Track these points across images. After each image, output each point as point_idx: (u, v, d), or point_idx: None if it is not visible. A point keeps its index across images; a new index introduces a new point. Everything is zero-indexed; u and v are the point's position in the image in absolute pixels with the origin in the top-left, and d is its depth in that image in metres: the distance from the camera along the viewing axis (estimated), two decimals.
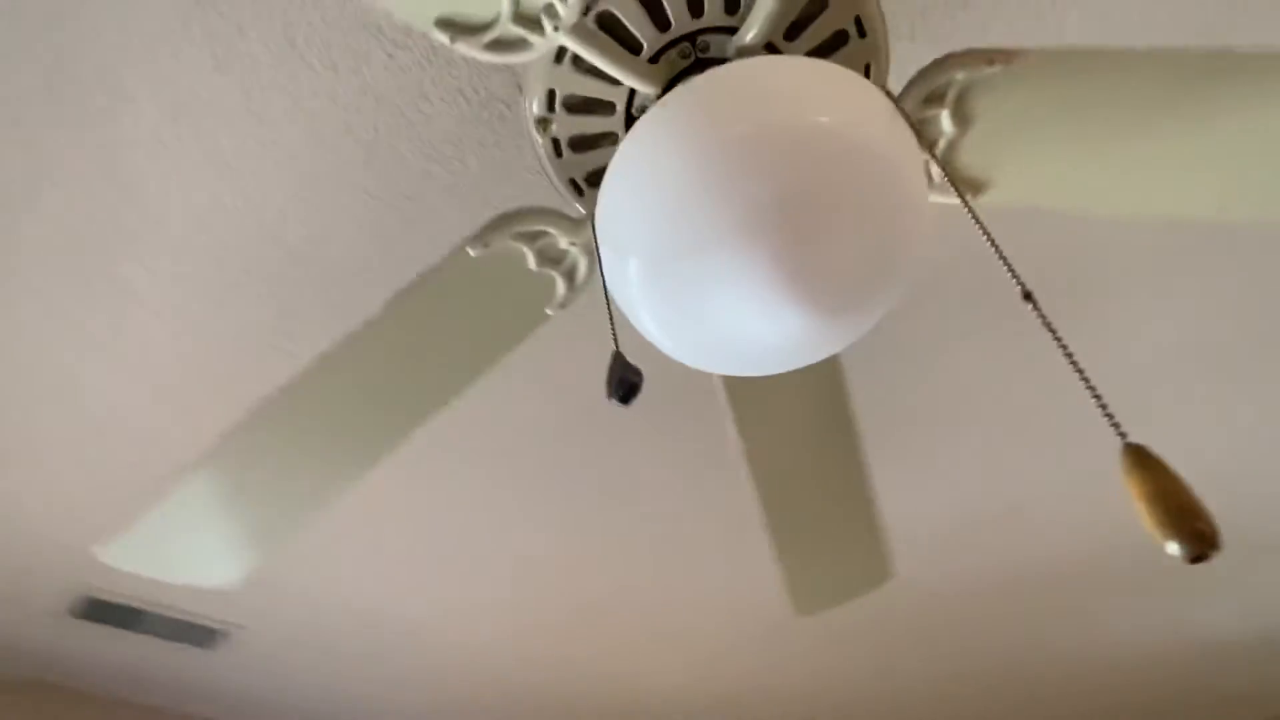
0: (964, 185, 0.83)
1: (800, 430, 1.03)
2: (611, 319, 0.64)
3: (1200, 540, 0.39)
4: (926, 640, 2.27)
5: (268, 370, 1.39)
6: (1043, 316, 0.50)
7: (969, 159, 0.82)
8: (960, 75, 0.77)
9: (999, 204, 0.85)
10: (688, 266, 0.61)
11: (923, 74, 0.78)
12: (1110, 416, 0.48)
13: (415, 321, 0.87)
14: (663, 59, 0.78)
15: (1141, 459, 0.43)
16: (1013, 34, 1.08)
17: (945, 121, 0.80)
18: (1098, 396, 0.50)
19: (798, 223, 0.58)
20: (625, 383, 0.57)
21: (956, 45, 1.14)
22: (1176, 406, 1.61)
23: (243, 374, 1.40)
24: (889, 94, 0.64)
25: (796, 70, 0.62)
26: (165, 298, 1.28)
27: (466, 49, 0.71)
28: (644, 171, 0.62)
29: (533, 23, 0.70)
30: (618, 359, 0.58)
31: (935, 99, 0.79)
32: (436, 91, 1.08)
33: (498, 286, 0.87)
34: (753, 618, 2.12)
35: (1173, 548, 0.40)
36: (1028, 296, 0.53)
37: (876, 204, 0.60)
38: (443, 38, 0.70)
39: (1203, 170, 0.81)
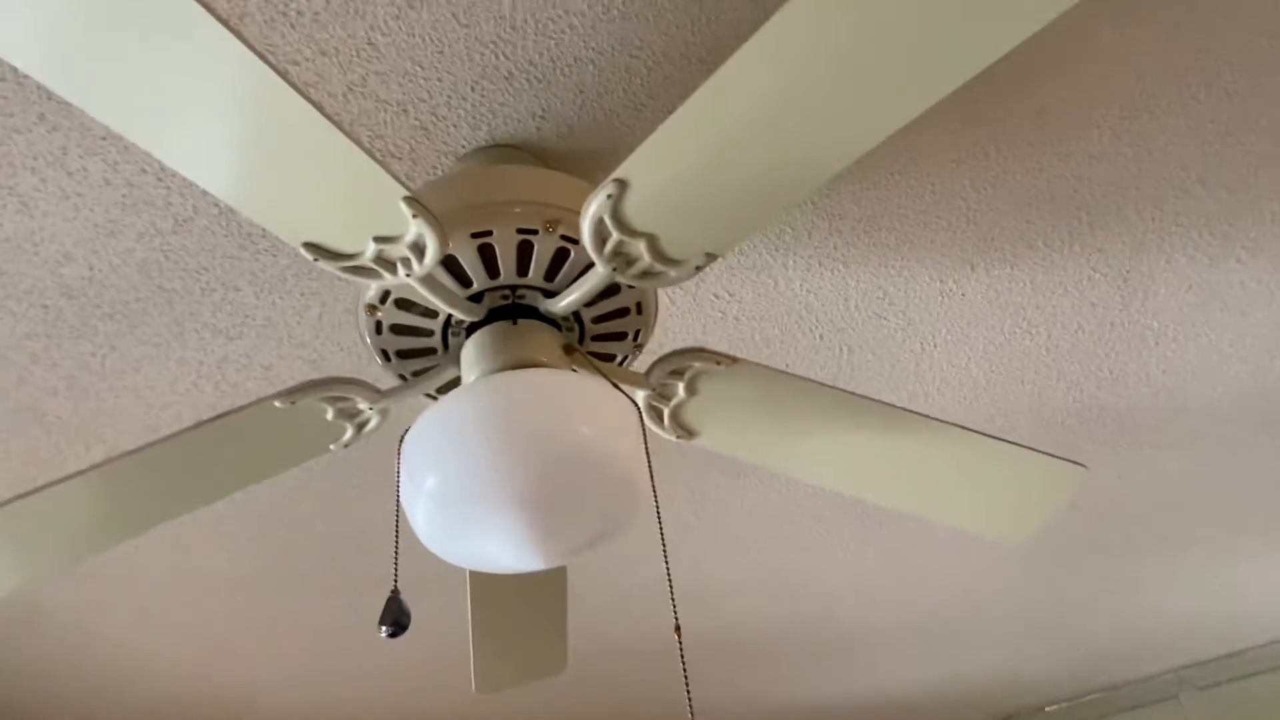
0: (682, 431, 1.12)
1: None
2: (396, 558, 0.82)
3: None
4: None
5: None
6: (680, 646, 0.77)
7: (690, 416, 1.11)
8: (697, 364, 1.05)
9: (708, 448, 1.15)
10: (465, 508, 0.80)
11: (673, 355, 1.06)
12: None
13: (209, 440, 0.96)
14: (486, 297, 0.97)
15: None
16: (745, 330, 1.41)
17: (680, 389, 1.08)
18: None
19: (552, 500, 0.81)
20: (396, 622, 0.75)
21: (707, 328, 1.46)
22: None
23: None
24: (634, 402, 0.89)
25: (574, 386, 0.84)
26: None
27: (326, 268, 0.84)
28: (451, 432, 0.80)
29: (389, 265, 0.85)
30: (395, 598, 0.76)
31: (677, 373, 1.07)
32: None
33: (291, 426, 0.99)
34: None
35: None
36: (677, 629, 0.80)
37: (610, 492, 0.84)
38: (307, 256, 0.83)
39: (835, 460, 1.17)
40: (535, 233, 0.92)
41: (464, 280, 0.95)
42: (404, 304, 0.97)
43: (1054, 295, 1.51)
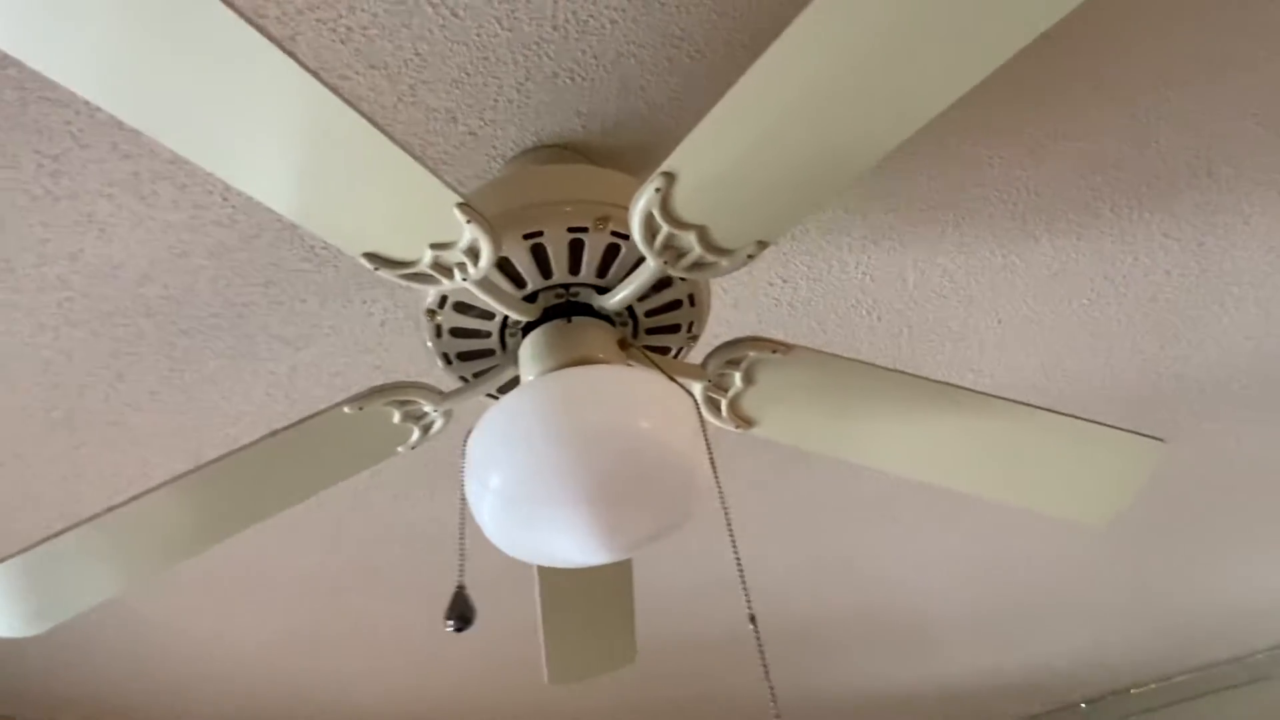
0: (740, 422, 1.12)
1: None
2: (461, 554, 0.84)
3: None
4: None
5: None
6: (758, 640, 0.77)
7: (747, 406, 1.10)
8: (752, 353, 1.05)
9: (768, 438, 1.14)
10: (531, 506, 0.82)
11: (727, 345, 1.05)
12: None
13: (285, 447, 1.00)
14: (540, 296, 0.98)
15: None
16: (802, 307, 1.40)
17: (737, 379, 1.07)
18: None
19: (615, 495, 0.82)
20: (462, 616, 0.77)
21: (763, 317, 1.45)
22: None
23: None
24: (690, 394, 0.89)
25: (631, 380, 0.85)
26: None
27: (386, 276, 0.86)
28: (513, 431, 0.82)
29: (446, 270, 0.87)
30: (460, 593, 0.78)
31: (733, 363, 1.06)
32: None
33: (360, 431, 1.02)
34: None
35: None
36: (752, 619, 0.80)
37: (671, 484, 0.84)
38: (367, 265, 0.85)
39: (901, 445, 1.15)
40: (585, 230, 0.93)
41: (518, 281, 0.97)
42: (462, 307, 0.99)
43: (1124, 264, 1.45)
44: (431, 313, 0.99)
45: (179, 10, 0.65)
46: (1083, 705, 3.15)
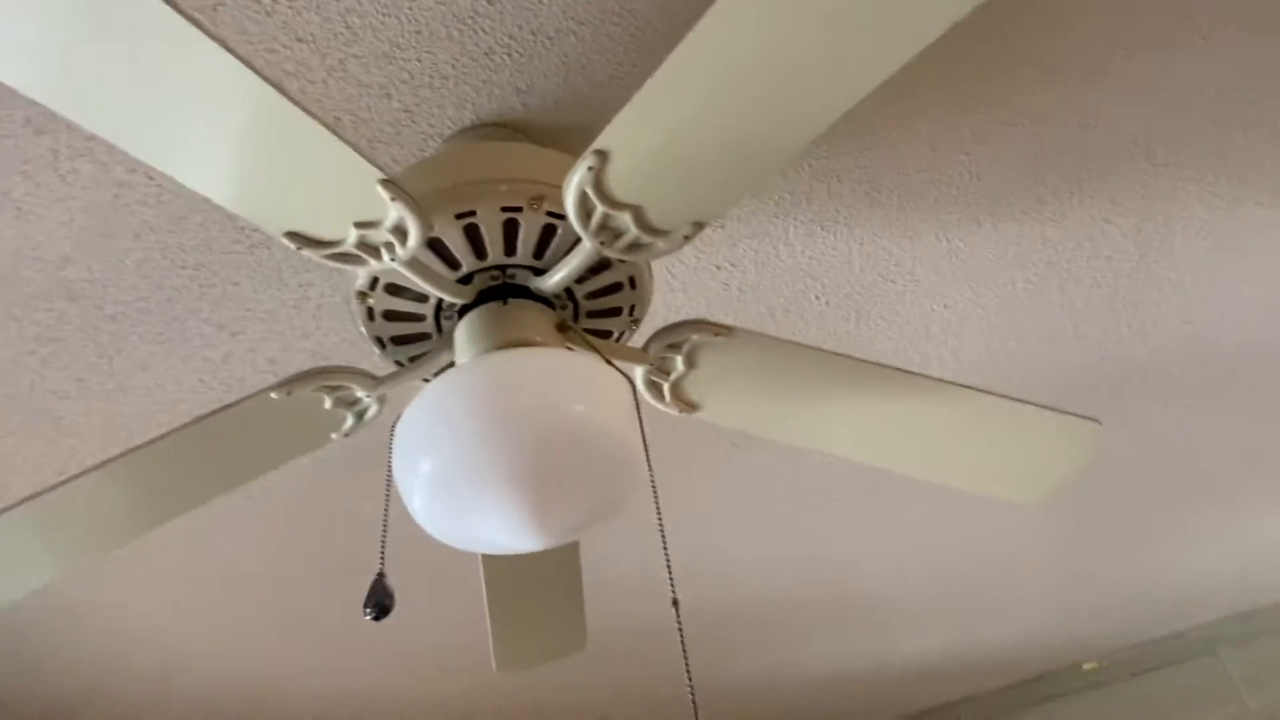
0: (683, 405, 1.11)
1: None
2: (383, 545, 0.81)
3: None
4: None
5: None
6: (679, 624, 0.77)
7: (690, 390, 1.09)
8: (694, 336, 1.04)
9: (708, 422, 1.14)
10: (460, 490, 0.80)
11: (669, 329, 1.04)
12: None
13: (210, 434, 0.97)
14: (475, 278, 0.96)
15: None
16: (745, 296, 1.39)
17: (679, 363, 1.06)
18: None
19: (547, 479, 0.80)
20: (380, 604, 0.75)
21: (710, 302, 1.44)
22: None
23: None
24: (628, 378, 0.88)
25: (564, 363, 0.83)
26: None
27: (311, 256, 0.83)
28: (443, 415, 0.79)
29: (372, 250, 0.84)
30: (379, 581, 0.76)
31: (675, 346, 1.05)
32: None
33: (290, 417, 0.99)
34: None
35: None
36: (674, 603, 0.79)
37: (605, 469, 0.83)
38: (290, 245, 0.82)
39: (843, 428, 1.15)
40: (520, 210, 0.91)
41: (452, 263, 0.94)
42: (394, 289, 0.96)
43: (1066, 250, 1.47)
44: (363, 295, 0.96)
45: None
46: (1034, 681, 3.23)
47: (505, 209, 0.91)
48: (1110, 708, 3.07)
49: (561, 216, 0.92)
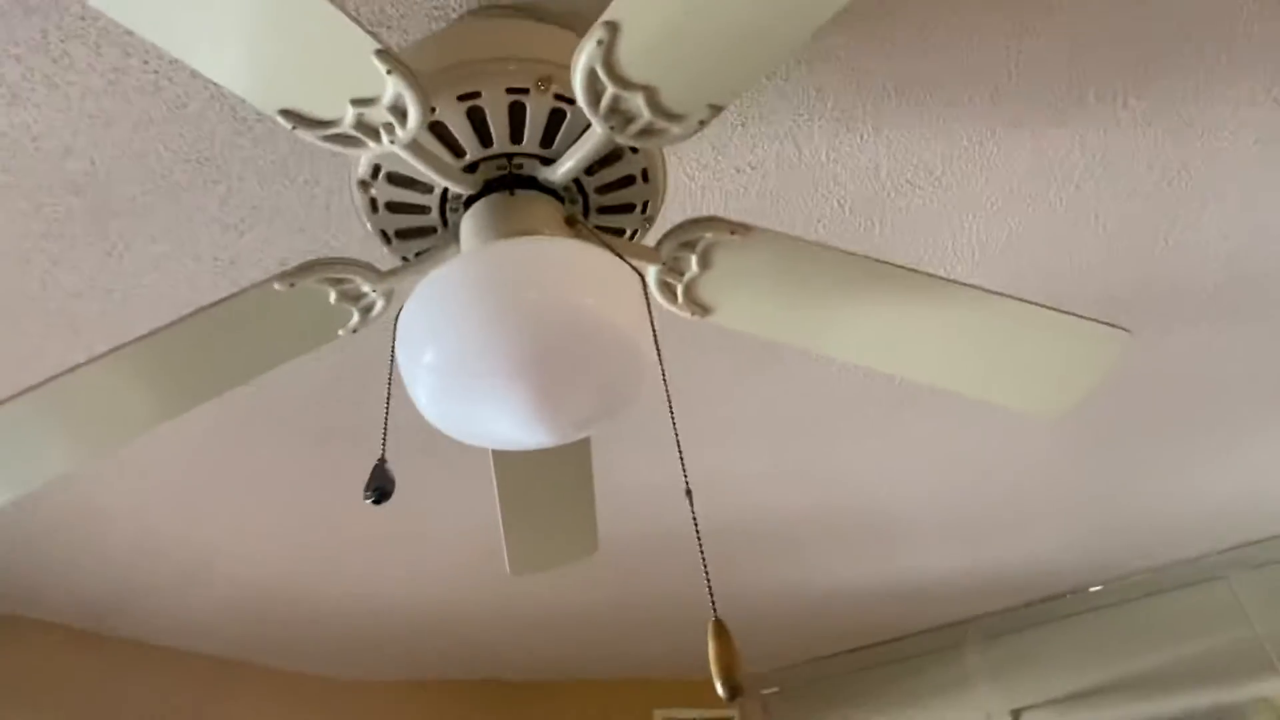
0: (696, 308, 1.07)
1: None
2: (385, 433, 0.80)
3: (734, 690, 0.67)
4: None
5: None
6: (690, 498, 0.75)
7: (704, 291, 1.06)
8: (709, 235, 1.00)
9: (723, 326, 1.11)
10: (465, 381, 0.78)
11: (683, 226, 1.00)
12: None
13: (215, 325, 0.95)
14: (481, 167, 0.92)
15: (718, 631, 0.69)
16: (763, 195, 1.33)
17: (693, 263, 1.03)
18: None
19: (555, 372, 0.78)
20: (380, 489, 0.74)
21: (729, 204, 1.38)
22: None
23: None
24: (638, 272, 0.84)
25: (575, 254, 0.80)
26: None
27: (305, 136, 0.80)
28: (446, 304, 0.77)
29: (371, 131, 0.80)
30: (380, 466, 0.75)
31: (689, 245, 1.01)
32: None
33: (296, 310, 0.97)
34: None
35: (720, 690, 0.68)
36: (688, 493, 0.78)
37: (614, 362, 0.81)
38: (284, 124, 0.79)
39: (862, 333, 1.12)
40: (526, 92, 0.86)
41: (455, 149, 0.90)
42: (397, 179, 0.92)
43: (1105, 156, 1.39)
44: (364, 184, 0.93)
45: None
46: (1043, 602, 3.26)
47: (511, 90, 0.86)
48: (1119, 629, 3.10)
49: (570, 100, 0.87)
